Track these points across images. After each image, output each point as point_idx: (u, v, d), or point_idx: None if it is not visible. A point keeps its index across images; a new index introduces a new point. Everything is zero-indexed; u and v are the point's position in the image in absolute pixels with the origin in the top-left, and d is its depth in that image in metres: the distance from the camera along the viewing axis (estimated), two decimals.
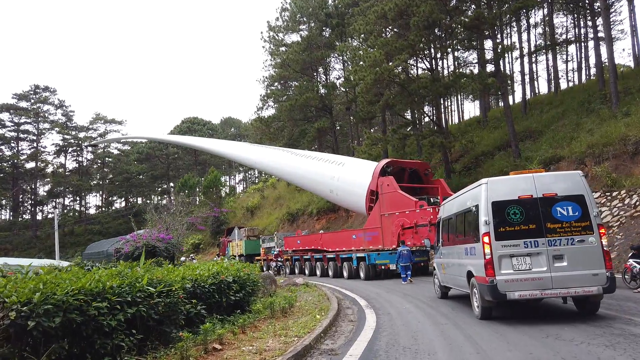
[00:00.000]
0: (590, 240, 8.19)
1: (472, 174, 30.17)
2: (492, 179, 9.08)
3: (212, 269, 9.30)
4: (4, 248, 79.24)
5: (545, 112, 34.33)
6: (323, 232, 29.29)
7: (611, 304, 9.71)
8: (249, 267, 10.81)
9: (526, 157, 26.61)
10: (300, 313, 10.08)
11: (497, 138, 33.11)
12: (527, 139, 30.20)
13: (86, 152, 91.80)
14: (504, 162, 28.12)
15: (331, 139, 45.71)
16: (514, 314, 9.30)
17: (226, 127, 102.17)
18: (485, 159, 31.18)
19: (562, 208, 8.33)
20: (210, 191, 62.14)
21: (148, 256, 24.28)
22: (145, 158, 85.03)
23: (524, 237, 8.28)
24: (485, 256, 8.28)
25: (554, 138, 27.18)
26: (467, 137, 35.59)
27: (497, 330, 7.86)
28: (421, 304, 11.66)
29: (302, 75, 43.90)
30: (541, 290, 8.12)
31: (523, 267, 8.22)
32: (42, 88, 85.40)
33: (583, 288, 8.04)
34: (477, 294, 8.92)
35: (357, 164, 26.20)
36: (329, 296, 12.72)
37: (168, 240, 24.85)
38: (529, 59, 43.37)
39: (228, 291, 8.86)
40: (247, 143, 59.52)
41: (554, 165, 24.13)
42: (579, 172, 8.88)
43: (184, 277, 7.90)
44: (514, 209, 8.40)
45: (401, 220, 20.02)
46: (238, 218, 61.34)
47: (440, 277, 12.30)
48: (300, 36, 43.72)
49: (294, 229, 44.22)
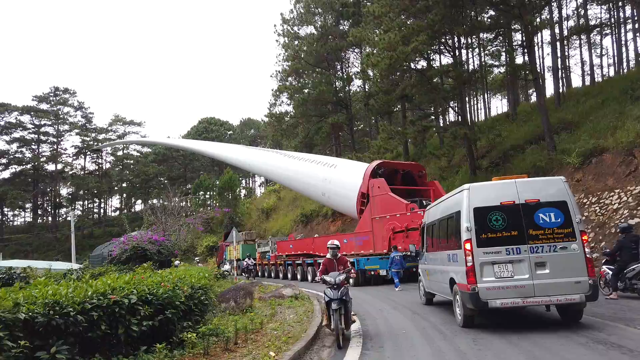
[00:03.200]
0: (572, 247, 8.09)
1: (500, 171, 27.16)
2: (474, 184, 8.96)
3: (152, 280, 6.88)
4: (24, 250, 79.28)
5: (582, 103, 31.11)
6: (317, 236, 28.69)
7: (595, 312, 9.49)
8: (204, 278, 8.28)
9: (562, 149, 23.56)
10: (256, 344, 7.45)
11: (528, 131, 30.00)
12: (562, 131, 27.11)
13: (106, 155, 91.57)
14: (537, 156, 25.09)
15: (348, 136, 43.08)
16: (497, 322, 9.13)
17: (245, 128, 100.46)
18: (515, 154, 28.13)
19: (545, 214, 8.21)
20: (225, 192, 60.25)
21: (138, 260, 22.29)
22: (162, 159, 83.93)
23: (505, 244, 8.16)
24: (467, 263, 8.16)
25: (595, 128, 24.02)
26: (494, 131, 32.73)
27: (478, 340, 7.65)
28: (406, 310, 11.43)
29: (317, 68, 41.42)
30: (523, 299, 7.99)
31: (505, 274, 8.11)
32: (62, 90, 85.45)
33: (565, 296, 7.93)
34: (460, 302, 8.76)
35: (349, 166, 25.58)
36: (316, 313, 10.19)
37: (161, 242, 22.73)
38: (562, 49, 40.00)
39: (130, 318, 5.97)
40: (240, 145, 58.08)
41: (596, 158, 21.06)
42: (561, 178, 8.71)
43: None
44: (496, 215, 8.27)
45: (392, 223, 19.34)
46: (253, 220, 59.41)
47: (425, 283, 12.30)
48: (314, 27, 41.28)
49: (308, 231, 41.88)
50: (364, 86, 41.84)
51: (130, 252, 21.05)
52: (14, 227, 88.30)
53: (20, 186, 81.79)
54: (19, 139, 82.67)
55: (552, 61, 34.97)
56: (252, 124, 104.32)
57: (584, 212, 19.28)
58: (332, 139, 46.52)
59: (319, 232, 38.95)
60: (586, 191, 20.22)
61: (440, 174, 32.30)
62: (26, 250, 79.13)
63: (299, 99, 38.70)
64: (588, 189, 20.33)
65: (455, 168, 32.75)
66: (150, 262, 20.99)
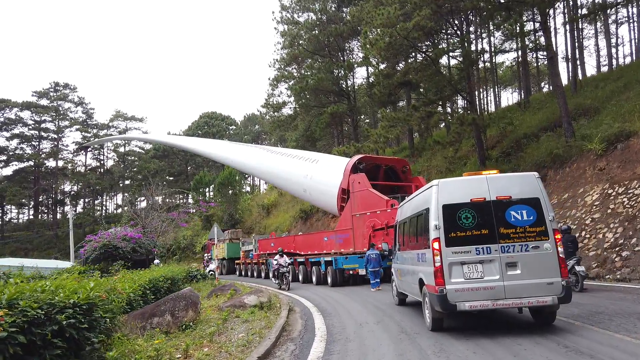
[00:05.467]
0: (545, 246, 7.75)
1: (512, 160, 24.85)
2: (444, 180, 8.55)
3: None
4: (24, 248, 78.22)
5: (601, 88, 28.64)
6: (302, 234, 28.24)
7: (570, 313, 9.20)
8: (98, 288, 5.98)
9: (582, 135, 21.19)
10: None
11: (543, 118, 27.58)
12: (580, 117, 24.71)
13: (107, 151, 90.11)
14: (553, 143, 22.73)
15: (350, 128, 40.79)
16: (469, 325, 8.78)
17: (249, 124, 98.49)
18: (528, 142, 25.75)
19: (517, 212, 7.86)
20: (225, 188, 58.22)
21: (111, 259, 20.29)
22: (163, 155, 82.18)
23: (475, 243, 7.79)
24: (435, 263, 7.78)
25: (619, 112, 21.60)
26: (505, 119, 30.37)
27: (443, 343, 7.37)
28: (377, 310, 11.30)
29: (316, 55, 39.10)
30: (493, 301, 7.60)
31: (474, 275, 7.72)
32: (62, 85, 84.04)
33: (537, 298, 7.57)
34: (428, 304, 8.41)
35: (330, 161, 24.92)
36: (276, 329, 8.11)
37: (137, 239, 20.69)
38: (578, 34, 37.38)
39: None
40: (221, 141, 56.77)
41: (622, 143, 18.65)
42: (534, 174, 8.31)
43: None
44: (465, 212, 7.89)
45: (372, 221, 18.67)
46: (254, 216, 57.46)
47: (397, 283, 12.05)
48: (313, 12, 38.93)
49: (307, 227, 39.90)
50: (367, 76, 39.59)
51: (99, 251, 19.03)
52: (15, 225, 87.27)
53: (21, 183, 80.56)
54: (19, 135, 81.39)
55: (569, 44, 32.61)
56: (257, 120, 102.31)
57: (609, 204, 16.95)
58: (333, 131, 44.30)
59: (319, 228, 36.87)
60: (611, 181, 17.85)
61: (447, 166, 30.04)
62: (26, 248, 78.03)
63: (296, 88, 36.41)
64: (613, 178, 17.95)
65: (463, 159, 30.49)
66: (122, 261, 19.02)
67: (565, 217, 18.39)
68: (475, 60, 23.91)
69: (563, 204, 19.29)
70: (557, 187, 20.85)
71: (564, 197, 19.67)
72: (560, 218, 18.50)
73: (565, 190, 20.02)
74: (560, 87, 21.91)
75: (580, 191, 18.97)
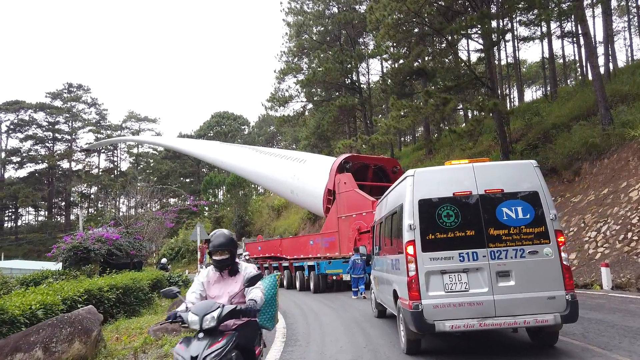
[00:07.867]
0: (545, 251, 6.30)
1: (539, 153, 22.03)
2: (420, 169, 6.95)
3: None
4: (37, 250, 77.73)
5: (639, 75, 25.66)
6: (290, 237, 27.64)
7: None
8: None
9: (623, 121, 18.33)
10: None
11: (574, 107, 24.66)
12: (618, 104, 21.83)
13: (121, 152, 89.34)
14: (588, 132, 19.86)
15: (362, 123, 38.32)
16: (450, 346, 7.41)
17: (264, 125, 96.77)
18: (557, 133, 22.90)
19: (510, 209, 6.43)
20: (235, 189, 56.39)
21: (81, 262, 18.17)
22: (175, 156, 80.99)
23: (459, 247, 6.35)
24: (409, 272, 6.29)
25: None
26: (531, 112, 27.56)
27: None
28: (353, 324, 10.07)
29: (324, 45, 36.74)
30: (480, 320, 6.08)
31: (457, 287, 6.25)
32: (75, 86, 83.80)
33: (535, 317, 6.08)
34: (403, 321, 6.89)
35: (318, 161, 24.14)
36: None
37: (114, 241, 18.54)
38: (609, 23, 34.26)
39: None
40: (211, 141, 55.83)
41: None
42: (532, 162, 6.79)
43: None
44: (447, 209, 6.47)
45: (358, 223, 17.62)
46: (264, 218, 55.58)
47: (375, 293, 10.77)
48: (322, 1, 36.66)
49: (315, 229, 37.65)
50: (382, 70, 37.13)
51: (67, 254, 16.92)
52: (29, 227, 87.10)
53: (34, 185, 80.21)
54: (33, 136, 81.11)
55: (603, 27, 29.60)
56: (272, 121, 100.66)
57: None
58: (345, 128, 41.91)
59: None
60: None
61: None
62: (39, 250, 77.52)
63: (304, 81, 34.15)
64: None
65: (484, 154, 27.80)
66: (93, 264, 16.90)
67: (605, 216, 15.58)
68: (497, 41, 21.17)
69: (602, 201, 16.45)
70: (594, 181, 18.03)
71: (603, 193, 16.83)
72: (599, 217, 15.70)
73: (604, 185, 17.19)
74: (596, 67, 19.16)
75: (623, 185, 16.12)
